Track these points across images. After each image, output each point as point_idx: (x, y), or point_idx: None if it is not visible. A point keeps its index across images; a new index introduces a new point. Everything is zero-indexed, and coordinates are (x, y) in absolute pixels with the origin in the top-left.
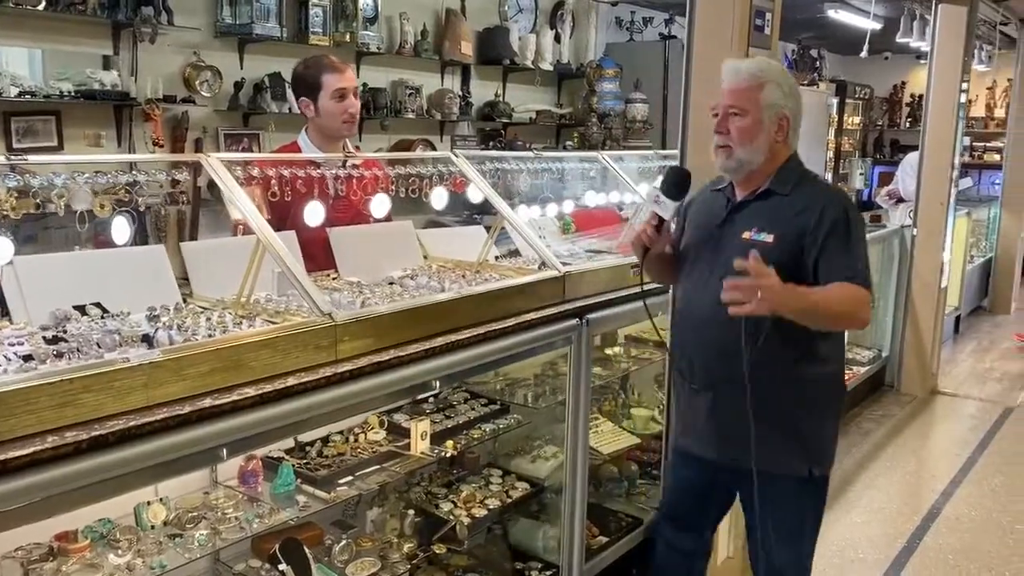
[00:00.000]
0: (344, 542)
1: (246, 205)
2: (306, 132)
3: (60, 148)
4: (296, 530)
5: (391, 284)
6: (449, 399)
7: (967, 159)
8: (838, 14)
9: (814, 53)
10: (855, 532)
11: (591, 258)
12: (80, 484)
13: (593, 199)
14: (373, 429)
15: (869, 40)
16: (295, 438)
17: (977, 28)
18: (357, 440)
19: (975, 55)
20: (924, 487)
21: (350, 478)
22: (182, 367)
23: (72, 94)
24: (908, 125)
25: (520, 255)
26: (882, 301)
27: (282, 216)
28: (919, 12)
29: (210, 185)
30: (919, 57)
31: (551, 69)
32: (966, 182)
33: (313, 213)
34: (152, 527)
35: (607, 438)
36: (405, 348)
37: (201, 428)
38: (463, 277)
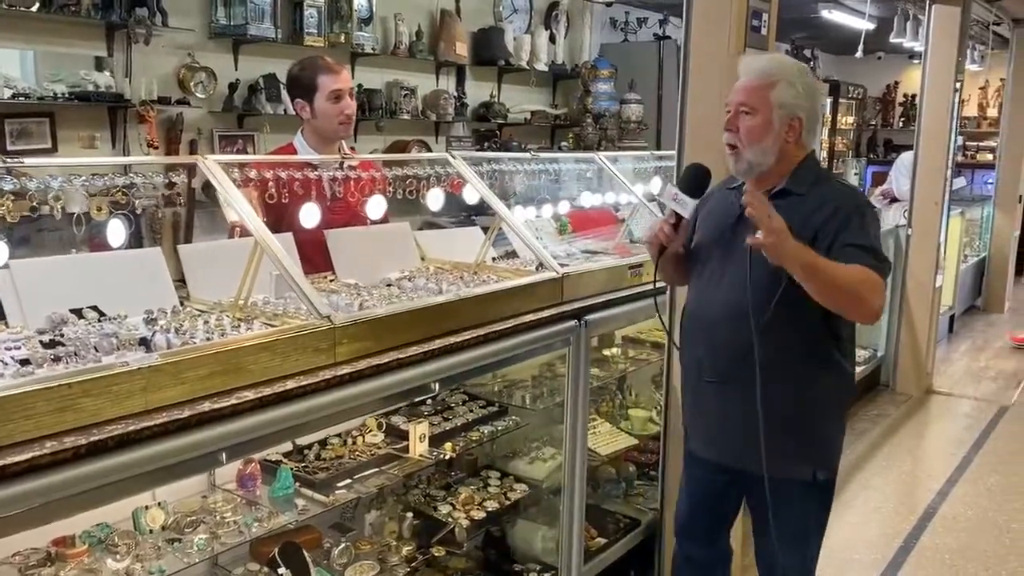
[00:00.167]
0: (343, 545)
1: (243, 207)
2: (302, 134)
3: (54, 150)
4: (295, 533)
5: (389, 286)
6: (447, 401)
7: (960, 159)
8: (832, 14)
9: (808, 53)
10: (852, 532)
11: (588, 259)
12: (79, 489)
13: (589, 200)
14: (371, 432)
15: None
16: (293, 441)
17: (970, 28)
18: (355, 443)
19: (968, 55)
20: (920, 487)
21: (348, 481)
22: (181, 371)
23: (66, 96)
24: (901, 125)
25: (517, 256)
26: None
27: (278, 218)
28: (912, 12)
29: (205, 187)
30: (912, 57)
31: (546, 70)
32: (959, 181)
33: (310, 215)
34: (150, 531)
35: (605, 439)
36: (404, 350)
37: (200, 432)
38: (461, 279)
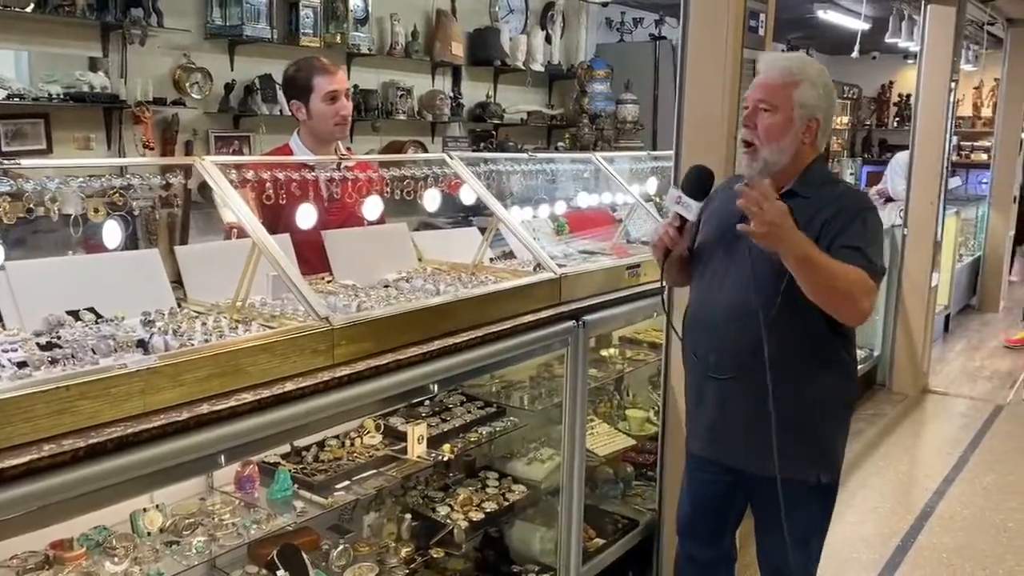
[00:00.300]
0: (341, 547)
1: (241, 208)
2: (298, 134)
3: (49, 151)
4: (293, 535)
5: (386, 287)
6: (445, 402)
7: (955, 158)
8: (827, 14)
9: (803, 53)
10: (850, 532)
11: (586, 259)
12: (78, 492)
13: (586, 200)
14: (369, 433)
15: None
16: (291, 443)
17: (964, 28)
18: (353, 444)
19: (962, 55)
20: (917, 486)
21: (347, 483)
22: (179, 373)
23: (61, 96)
24: (896, 125)
25: (515, 257)
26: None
27: (275, 219)
28: (907, 12)
29: (201, 188)
30: (907, 57)
31: (542, 70)
32: (954, 181)
33: (307, 216)
34: (148, 534)
35: (602, 440)
36: (403, 352)
37: (199, 434)
38: (459, 279)
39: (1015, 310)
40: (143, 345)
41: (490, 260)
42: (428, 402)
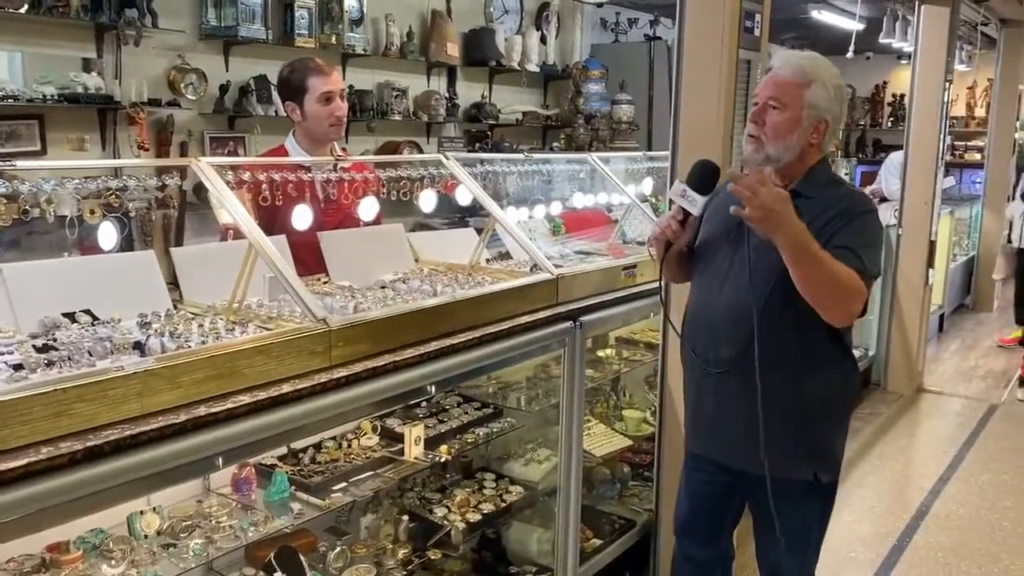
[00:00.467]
0: (339, 549)
1: (237, 209)
2: (293, 135)
3: (43, 152)
4: (290, 537)
5: (383, 288)
6: (442, 403)
7: (949, 158)
8: (821, 15)
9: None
10: (847, 531)
11: (582, 260)
12: (75, 495)
13: (582, 200)
14: (366, 434)
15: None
16: (288, 445)
17: (958, 28)
18: (350, 446)
19: (956, 55)
20: (913, 485)
21: (344, 484)
22: (176, 375)
23: (55, 98)
24: (890, 125)
25: (511, 257)
26: (868, 300)
27: (271, 220)
28: (902, 13)
29: (196, 189)
30: (900, 57)
31: (537, 70)
32: (948, 181)
33: (303, 217)
34: (145, 537)
35: (599, 440)
36: (400, 353)
37: (196, 437)
38: (455, 280)
39: (1009, 309)
40: (140, 347)
41: (486, 261)
42: (425, 403)
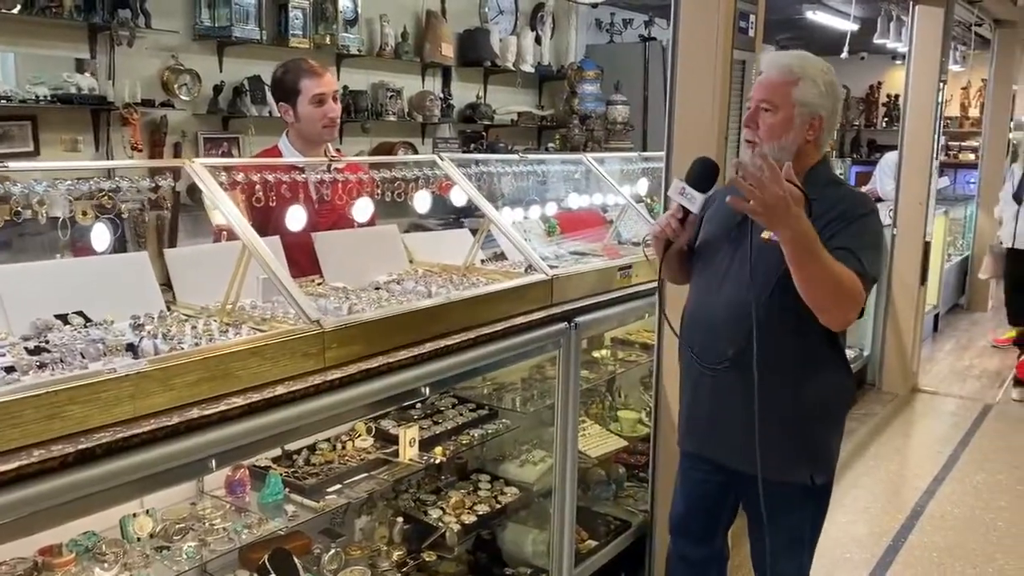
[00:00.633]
0: (333, 551)
1: (231, 210)
2: (286, 136)
3: (36, 153)
4: (284, 540)
5: (377, 289)
6: (437, 405)
7: (943, 158)
8: (816, 15)
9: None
10: (842, 532)
11: (577, 260)
12: (67, 498)
13: (577, 201)
14: (360, 436)
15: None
16: (282, 447)
17: (952, 29)
18: (344, 448)
19: (950, 55)
20: (908, 485)
21: (338, 486)
22: (169, 377)
23: (48, 98)
24: (885, 125)
25: (506, 258)
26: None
27: (265, 221)
28: (896, 13)
29: (190, 190)
30: (895, 58)
31: (532, 71)
32: (943, 181)
33: (297, 218)
34: (138, 539)
35: (594, 441)
36: (394, 354)
37: (189, 439)
38: (450, 281)
39: (1003, 309)
40: (133, 349)
41: (481, 262)
42: (420, 405)
